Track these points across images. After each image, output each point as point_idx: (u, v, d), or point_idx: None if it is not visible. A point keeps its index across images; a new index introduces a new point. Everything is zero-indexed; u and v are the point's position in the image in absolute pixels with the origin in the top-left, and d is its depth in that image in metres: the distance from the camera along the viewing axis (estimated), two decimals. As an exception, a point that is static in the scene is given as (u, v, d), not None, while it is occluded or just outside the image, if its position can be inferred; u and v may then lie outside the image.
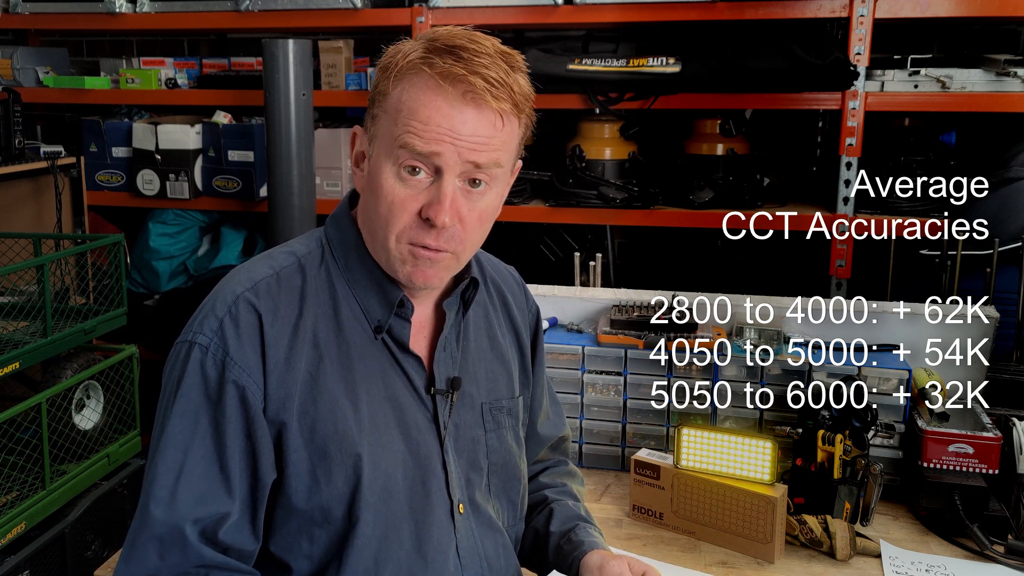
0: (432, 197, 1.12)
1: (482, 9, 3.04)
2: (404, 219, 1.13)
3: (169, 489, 1.09)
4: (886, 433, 1.79)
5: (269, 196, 3.06)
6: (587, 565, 1.26)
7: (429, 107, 1.10)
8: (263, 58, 2.96)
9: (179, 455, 1.10)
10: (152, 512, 1.09)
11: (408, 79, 1.12)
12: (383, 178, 1.13)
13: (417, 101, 1.11)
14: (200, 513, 1.09)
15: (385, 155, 1.13)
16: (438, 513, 1.21)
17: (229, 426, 1.11)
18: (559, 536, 1.34)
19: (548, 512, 1.39)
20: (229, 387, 1.10)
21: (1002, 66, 2.74)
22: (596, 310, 2.08)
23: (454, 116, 1.10)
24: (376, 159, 1.15)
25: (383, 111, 1.14)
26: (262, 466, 1.12)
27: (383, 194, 1.13)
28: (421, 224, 1.13)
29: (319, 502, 1.14)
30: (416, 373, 1.22)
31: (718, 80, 2.83)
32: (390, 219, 1.13)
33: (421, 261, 1.15)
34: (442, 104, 1.10)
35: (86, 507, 2.45)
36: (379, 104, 1.15)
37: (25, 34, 3.93)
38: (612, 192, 3.00)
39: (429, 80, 1.10)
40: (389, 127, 1.13)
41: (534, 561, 1.39)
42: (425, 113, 1.10)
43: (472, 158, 1.11)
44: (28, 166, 3.00)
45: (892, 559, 1.57)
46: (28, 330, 2.45)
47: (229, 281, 1.18)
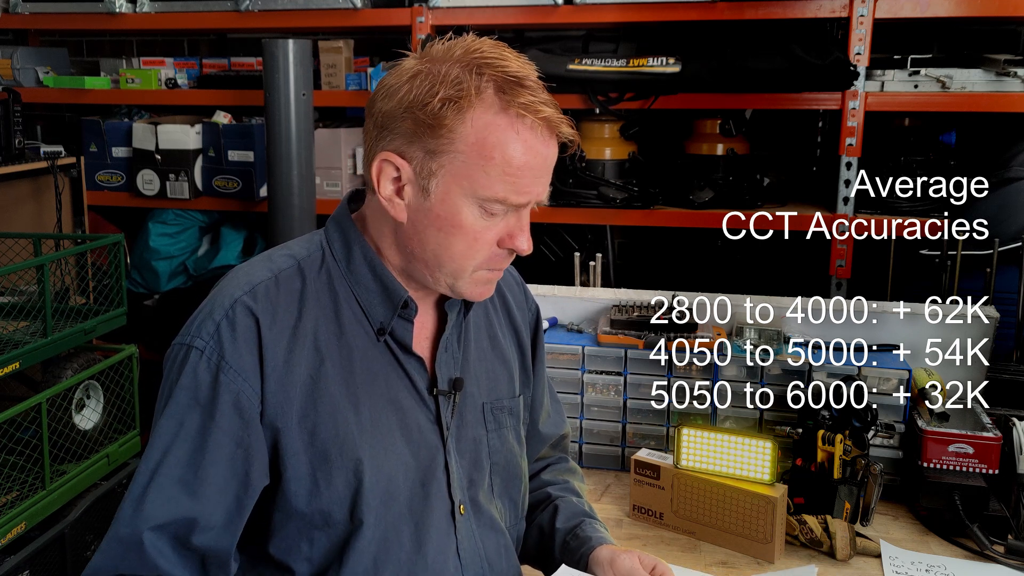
0: (513, 228, 1.15)
1: (482, 9, 3.04)
2: (486, 250, 1.15)
3: (142, 488, 1.09)
4: (886, 433, 1.79)
5: (269, 196, 3.06)
6: (597, 560, 1.26)
7: (528, 152, 1.10)
8: (263, 58, 2.96)
9: (158, 456, 1.10)
10: (124, 511, 1.09)
11: (488, 116, 1.09)
12: (463, 217, 1.12)
13: (510, 146, 1.09)
14: (164, 518, 1.08)
15: (466, 195, 1.11)
16: (438, 514, 1.21)
17: (217, 431, 1.10)
18: (565, 532, 1.35)
19: (552, 509, 1.40)
20: (223, 392, 1.10)
21: (1002, 66, 2.74)
22: (596, 310, 2.08)
23: (545, 154, 1.12)
24: (448, 196, 1.12)
25: (455, 150, 1.10)
26: (252, 472, 1.11)
27: (464, 231, 1.13)
28: (501, 252, 1.16)
29: (319, 505, 1.14)
30: (418, 374, 1.22)
31: (718, 80, 2.83)
32: (472, 253, 1.14)
33: (488, 284, 1.19)
34: (536, 144, 1.10)
35: (86, 507, 2.45)
36: (446, 141, 1.10)
37: (25, 34, 3.93)
38: (612, 192, 3.00)
39: (518, 122, 1.09)
40: (472, 171, 1.10)
41: (540, 558, 1.39)
42: (523, 159, 1.10)
43: (543, 197, 1.15)
44: (28, 166, 3.00)
45: (892, 559, 1.57)
46: (28, 330, 2.45)
47: (227, 284, 1.18)
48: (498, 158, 1.09)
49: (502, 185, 1.10)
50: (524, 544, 1.39)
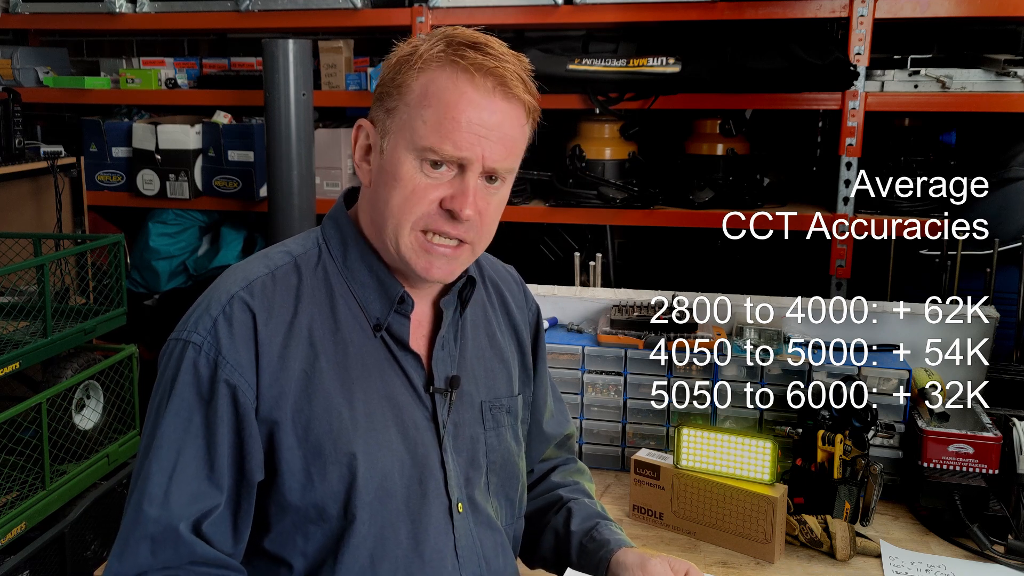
0: (456, 190, 1.13)
1: (482, 9, 3.05)
2: (424, 207, 1.14)
3: (163, 488, 1.10)
4: (886, 433, 1.79)
5: (269, 196, 3.06)
6: (624, 564, 1.25)
7: (461, 100, 1.10)
8: (263, 58, 2.96)
9: (173, 454, 1.11)
10: (146, 510, 1.09)
11: (434, 71, 1.12)
12: (403, 169, 1.13)
13: (446, 93, 1.11)
14: (192, 511, 1.10)
15: (406, 148, 1.13)
16: (436, 512, 1.21)
17: (220, 424, 1.11)
18: (581, 535, 1.34)
19: (567, 511, 1.39)
20: (221, 386, 1.11)
21: (1002, 66, 2.74)
22: (596, 310, 2.08)
23: (484, 107, 1.11)
24: (394, 151, 1.14)
25: (404, 104, 1.13)
26: (249, 465, 1.13)
27: (402, 183, 1.13)
28: (441, 213, 1.14)
29: (313, 499, 1.15)
30: (415, 371, 1.22)
31: (718, 80, 2.83)
32: (408, 206, 1.14)
33: (437, 257, 1.16)
34: (473, 95, 1.11)
35: (86, 507, 2.45)
36: (398, 97, 1.14)
37: (25, 34, 3.93)
38: (612, 192, 3.00)
39: (460, 73, 1.11)
40: (413, 122, 1.12)
41: (555, 561, 1.39)
42: (457, 108, 1.10)
43: (495, 164, 1.13)
44: (28, 166, 3.01)
45: (892, 559, 1.57)
46: (28, 330, 2.45)
47: (224, 280, 1.19)
48: (435, 106, 1.11)
49: (437, 135, 1.11)
50: (539, 548, 1.39)
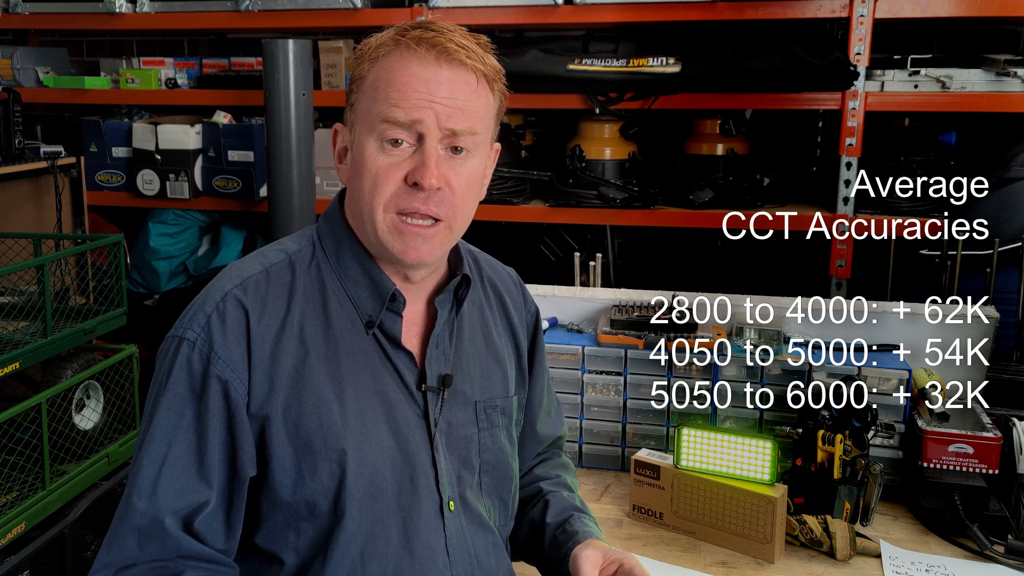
0: (417, 162, 1.14)
1: (482, 9, 3.05)
2: (390, 186, 1.15)
3: (151, 481, 1.11)
4: (886, 433, 1.79)
5: (269, 196, 3.06)
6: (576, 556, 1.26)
7: (405, 73, 1.13)
8: (263, 58, 2.96)
9: (163, 448, 1.12)
10: (135, 503, 1.11)
11: (383, 58, 1.16)
12: (366, 154, 1.15)
13: (393, 71, 1.14)
14: (179, 505, 1.11)
15: (366, 132, 1.16)
16: (427, 510, 1.21)
17: (211, 419, 1.12)
18: (554, 527, 1.35)
19: (543, 503, 1.40)
20: (213, 381, 1.12)
21: (1002, 66, 2.74)
22: (596, 310, 2.08)
23: (430, 78, 1.13)
24: (358, 140, 1.17)
25: (361, 94, 1.17)
26: (240, 461, 1.14)
27: (367, 168, 1.15)
28: (408, 190, 1.15)
29: (304, 495, 1.15)
30: (407, 369, 1.22)
31: (718, 80, 2.83)
32: (376, 189, 1.15)
33: (412, 237, 1.16)
34: (417, 68, 1.13)
35: (86, 507, 2.45)
36: (357, 90, 1.18)
37: (25, 34, 3.93)
38: (612, 192, 3.00)
39: (404, 51, 1.14)
40: (368, 106, 1.16)
41: (530, 552, 1.40)
42: (402, 80, 1.13)
43: (451, 124, 1.14)
44: (28, 166, 3.01)
45: (892, 559, 1.57)
46: (28, 330, 2.45)
47: (220, 278, 1.20)
48: (383, 85, 1.14)
49: (385, 104, 1.13)
50: (516, 538, 1.40)
